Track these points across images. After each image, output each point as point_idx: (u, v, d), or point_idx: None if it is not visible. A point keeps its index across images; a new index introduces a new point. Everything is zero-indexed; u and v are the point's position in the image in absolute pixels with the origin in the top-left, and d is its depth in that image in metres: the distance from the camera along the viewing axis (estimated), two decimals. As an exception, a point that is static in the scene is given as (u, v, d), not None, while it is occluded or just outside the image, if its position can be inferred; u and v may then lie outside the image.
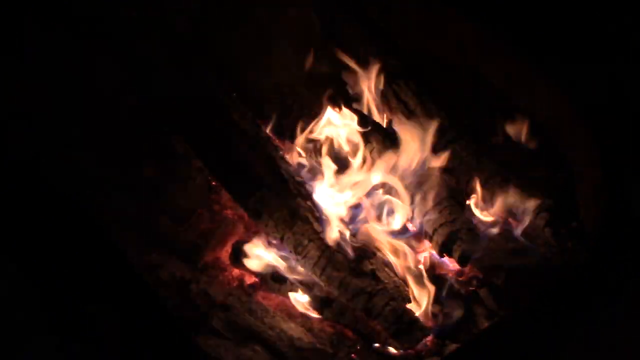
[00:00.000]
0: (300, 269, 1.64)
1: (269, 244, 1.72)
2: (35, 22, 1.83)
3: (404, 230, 1.72)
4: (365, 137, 1.77)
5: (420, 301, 1.59)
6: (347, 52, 1.91)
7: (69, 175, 1.73)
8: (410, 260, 1.65)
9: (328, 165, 1.74)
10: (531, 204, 1.68)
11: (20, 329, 1.38)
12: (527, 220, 1.67)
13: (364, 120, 1.81)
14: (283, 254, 1.67)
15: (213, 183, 1.89)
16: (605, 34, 1.81)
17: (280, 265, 1.66)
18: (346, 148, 1.80)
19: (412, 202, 1.70)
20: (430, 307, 1.58)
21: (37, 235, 1.46)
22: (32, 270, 1.42)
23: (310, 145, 1.82)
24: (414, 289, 1.61)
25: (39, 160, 1.69)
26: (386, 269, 1.62)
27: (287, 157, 1.77)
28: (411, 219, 1.73)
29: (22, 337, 1.37)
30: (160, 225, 1.77)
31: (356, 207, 1.73)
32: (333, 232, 1.60)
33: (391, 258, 1.66)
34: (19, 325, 1.38)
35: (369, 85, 1.90)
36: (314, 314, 1.62)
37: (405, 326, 1.50)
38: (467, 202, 1.76)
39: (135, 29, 1.78)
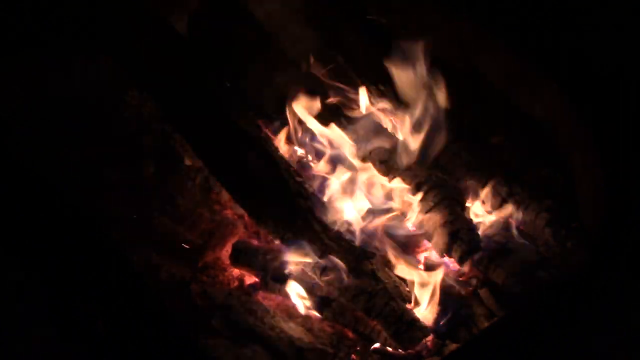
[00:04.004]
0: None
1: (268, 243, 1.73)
2: (36, 22, 1.83)
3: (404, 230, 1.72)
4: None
5: (420, 301, 1.59)
6: (346, 52, 1.92)
7: (69, 175, 1.73)
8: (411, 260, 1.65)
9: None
10: (531, 204, 1.68)
11: (19, 328, 1.38)
12: (527, 221, 1.67)
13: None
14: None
15: (213, 183, 1.90)
16: (605, 34, 1.82)
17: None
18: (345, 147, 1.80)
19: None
20: (430, 307, 1.58)
21: (38, 235, 1.46)
22: (33, 270, 1.42)
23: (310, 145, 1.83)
24: (414, 289, 1.61)
25: (39, 160, 1.69)
26: (386, 269, 1.62)
27: (287, 157, 1.77)
28: (411, 219, 1.73)
29: (21, 337, 1.37)
30: (160, 225, 1.77)
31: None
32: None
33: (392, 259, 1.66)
34: (19, 325, 1.38)
35: (368, 85, 1.90)
36: (314, 314, 1.62)
37: (405, 326, 1.50)
38: (467, 202, 1.76)
39: (135, 29, 1.78)
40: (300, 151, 1.89)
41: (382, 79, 1.91)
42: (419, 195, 1.70)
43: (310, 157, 1.87)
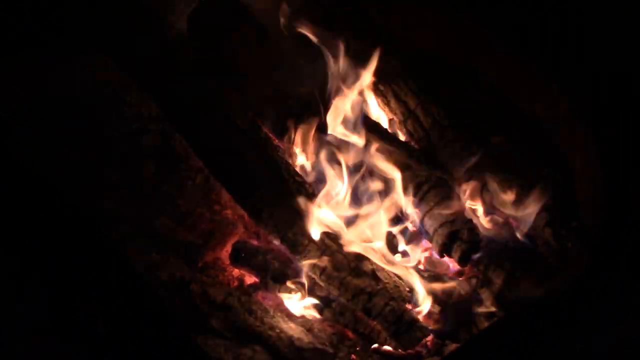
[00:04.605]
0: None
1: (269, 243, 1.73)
2: (36, 22, 1.83)
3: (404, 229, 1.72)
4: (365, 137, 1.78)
5: (420, 301, 1.59)
6: (346, 52, 1.91)
7: (69, 175, 1.73)
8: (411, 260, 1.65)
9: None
10: (531, 204, 1.68)
11: (19, 328, 1.38)
12: (527, 220, 1.67)
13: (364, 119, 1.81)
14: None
15: (213, 183, 1.89)
16: (605, 33, 1.81)
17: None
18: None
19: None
20: (430, 307, 1.58)
21: (38, 235, 1.46)
22: (33, 270, 1.42)
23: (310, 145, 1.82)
24: (414, 288, 1.61)
25: (39, 160, 1.69)
26: (386, 269, 1.62)
27: (287, 157, 1.77)
28: (411, 219, 1.73)
29: (21, 337, 1.37)
30: (160, 225, 1.77)
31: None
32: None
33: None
34: (19, 325, 1.38)
35: (368, 85, 1.90)
36: (314, 314, 1.62)
37: (405, 326, 1.50)
38: (467, 202, 1.76)
39: (135, 29, 1.78)
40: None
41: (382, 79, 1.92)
42: (420, 195, 1.70)
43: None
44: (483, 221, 1.74)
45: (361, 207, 1.72)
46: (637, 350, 1.35)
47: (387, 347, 1.54)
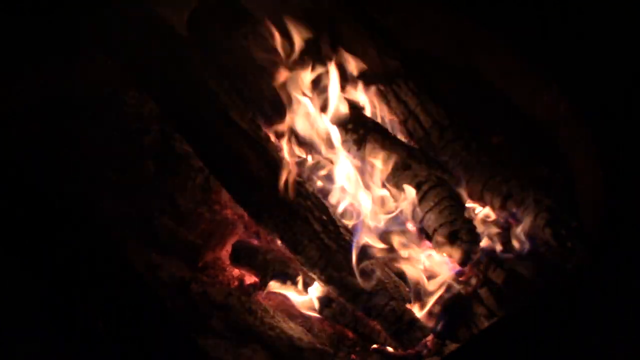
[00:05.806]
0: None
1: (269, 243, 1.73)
2: (37, 23, 1.83)
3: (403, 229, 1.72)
4: (364, 136, 1.77)
5: (423, 301, 1.59)
6: (346, 51, 1.92)
7: (69, 175, 1.73)
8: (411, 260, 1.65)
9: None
10: (531, 204, 1.68)
11: (19, 328, 1.38)
12: (527, 220, 1.67)
13: (363, 119, 1.81)
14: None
15: (213, 183, 1.89)
16: (605, 33, 1.82)
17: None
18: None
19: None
20: (430, 307, 1.58)
21: (38, 235, 1.46)
22: (33, 270, 1.42)
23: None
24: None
25: (39, 160, 1.69)
26: (386, 269, 1.62)
27: (287, 156, 1.77)
28: (411, 219, 1.73)
29: (21, 337, 1.37)
30: (160, 225, 1.77)
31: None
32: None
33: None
34: (19, 325, 1.38)
35: (368, 85, 1.90)
36: (314, 314, 1.62)
37: (405, 326, 1.50)
38: (467, 202, 1.76)
39: (135, 29, 1.78)
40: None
41: (381, 79, 1.92)
42: (420, 195, 1.70)
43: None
44: (483, 220, 1.74)
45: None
46: (637, 350, 1.35)
47: (387, 347, 1.54)
